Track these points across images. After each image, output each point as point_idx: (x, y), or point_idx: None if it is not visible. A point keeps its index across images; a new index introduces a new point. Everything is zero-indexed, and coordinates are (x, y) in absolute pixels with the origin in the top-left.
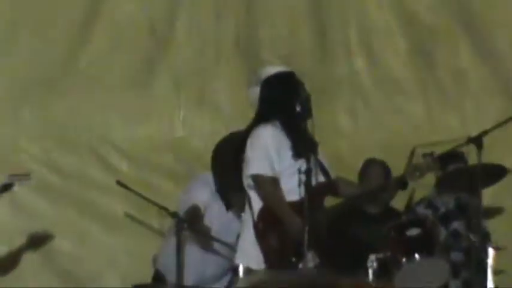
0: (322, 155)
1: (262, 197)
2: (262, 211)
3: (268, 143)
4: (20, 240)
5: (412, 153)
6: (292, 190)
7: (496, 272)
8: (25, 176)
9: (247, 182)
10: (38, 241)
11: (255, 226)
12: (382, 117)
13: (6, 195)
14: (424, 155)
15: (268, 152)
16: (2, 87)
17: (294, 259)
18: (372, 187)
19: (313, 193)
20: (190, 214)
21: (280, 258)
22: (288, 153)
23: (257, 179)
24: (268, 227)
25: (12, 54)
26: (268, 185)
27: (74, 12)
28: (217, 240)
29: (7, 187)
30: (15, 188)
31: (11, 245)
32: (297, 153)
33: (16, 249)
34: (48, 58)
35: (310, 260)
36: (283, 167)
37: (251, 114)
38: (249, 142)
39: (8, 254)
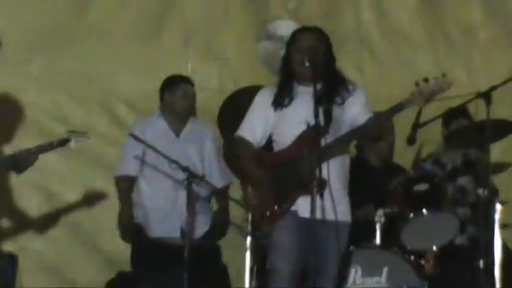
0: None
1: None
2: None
3: (255, 106)
4: (32, 198)
5: (419, 111)
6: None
7: (502, 227)
8: (83, 134)
9: None
10: (92, 199)
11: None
12: (390, 70)
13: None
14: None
15: (253, 115)
16: (11, 40)
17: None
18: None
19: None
20: None
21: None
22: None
23: (234, 139)
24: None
25: (21, 7)
26: (238, 147)
27: None
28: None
29: (64, 142)
30: (72, 145)
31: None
32: (275, 103)
33: (67, 207)
34: (57, 12)
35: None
36: (274, 120)
37: (259, 68)
38: None
39: (54, 212)
